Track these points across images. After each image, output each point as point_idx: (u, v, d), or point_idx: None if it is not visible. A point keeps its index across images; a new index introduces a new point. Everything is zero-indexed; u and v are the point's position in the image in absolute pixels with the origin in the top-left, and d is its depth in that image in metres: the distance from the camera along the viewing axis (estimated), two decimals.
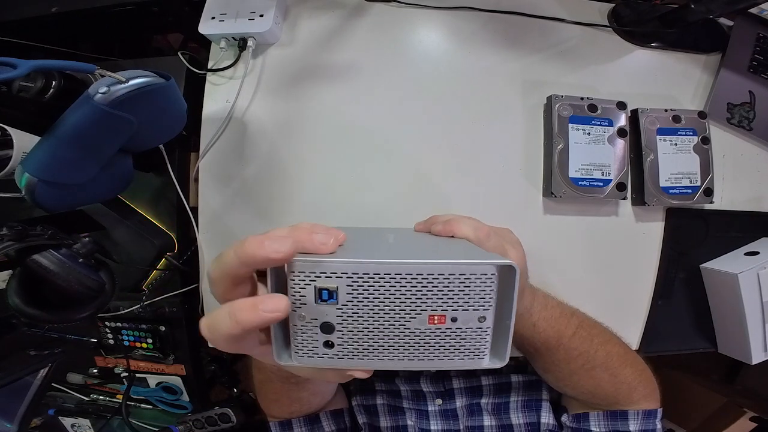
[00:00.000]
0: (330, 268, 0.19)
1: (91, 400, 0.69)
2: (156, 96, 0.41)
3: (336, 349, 0.20)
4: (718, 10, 0.52)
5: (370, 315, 0.19)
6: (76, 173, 0.40)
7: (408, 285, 0.19)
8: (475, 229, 0.31)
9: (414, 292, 0.19)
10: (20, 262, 0.38)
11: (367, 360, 0.20)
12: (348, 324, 0.19)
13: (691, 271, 0.61)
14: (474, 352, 0.20)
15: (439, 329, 0.20)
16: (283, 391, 0.45)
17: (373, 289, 0.19)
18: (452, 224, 0.32)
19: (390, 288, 0.19)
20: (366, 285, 0.19)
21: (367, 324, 0.19)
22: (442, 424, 0.51)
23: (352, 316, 0.19)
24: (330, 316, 0.19)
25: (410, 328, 0.19)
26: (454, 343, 0.20)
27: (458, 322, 0.20)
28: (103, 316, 0.60)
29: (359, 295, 0.19)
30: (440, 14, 0.58)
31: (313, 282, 0.19)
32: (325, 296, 0.19)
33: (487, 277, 0.19)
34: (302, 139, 0.57)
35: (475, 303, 0.19)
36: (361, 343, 0.20)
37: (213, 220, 0.58)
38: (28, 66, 0.31)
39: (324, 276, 0.19)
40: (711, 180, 0.56)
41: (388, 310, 0.19)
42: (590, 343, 0.41)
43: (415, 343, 0.20)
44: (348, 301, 0.19)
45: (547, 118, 0.56)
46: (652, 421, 0.43)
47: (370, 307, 0.19)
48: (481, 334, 0.20)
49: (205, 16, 0.56)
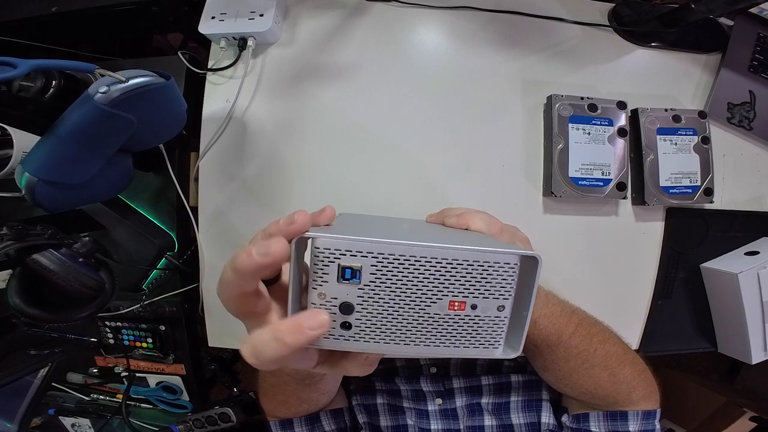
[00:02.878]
0: (356, 246, 0.18)
1: (91, 400, 0.69)
2: (156, 96, 0.41)
3: (353, 330, 0.20)
4: (719, 9, 0.52)
5: (392, 297, 0.19)
6: (76, 173, 0.40)
7: (432, 269, 0.19)
8: (489, 224, 0.31)
9: (437, 277, 0.19)
10: (20, 261, 0.38)
11: (384, 344, 0.20)
12: (368, 305, 0.19)
13: (691, 270, 0.61)
14: (489, 341, 0.20)
15: (458, 315, 0.20)
16: (295, 392, 0.44)
17: (397, 271, 0.19)
18: (466, 217, 0.32)
19: (414, 271, 0.19)
20: (391, 266, 0.18)
21: (387, 306, 0.19)
22: (442, 424, 0.51)
23: (373, 297, 0.19)
24: (351, 296, 0.19)
25: (430, 313, 0.19)
26: (471, 331, 0.20)
27: (477, 310, 0.20)
28: (103, 315, 0.60)
29: (383, 276, 0.19)
30: (440, 14, 0.58)
31: (337, 260, 0.18)
32: (348, 275, 0.18)
33: (510, 267, 0.19)
34: (302, 139, 0.57)
35: (495, 291, 0.19)
36: (380, 326, 0.20)
37: (213, 219, 0.58)
38: (28, 65, 0.31)
39: (349, 254, 0.18)
40: (711, 180, 0.56)
41: (410, 293, 0.19)
42: (589, 342, 0.41)
43: (432, 328, 0.20)
44: (371, 281, 0.19)
45: (547, 117, 0.56)
46: (652, 422, 0.43)
47: (392, 289, 0.19)
48: (498, 323, 0.20)
49: (205, 16, 0.56)
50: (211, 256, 0.58)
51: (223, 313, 0.64)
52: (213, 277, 0.58)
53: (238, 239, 0.58)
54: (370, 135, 0.57)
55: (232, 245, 0.58)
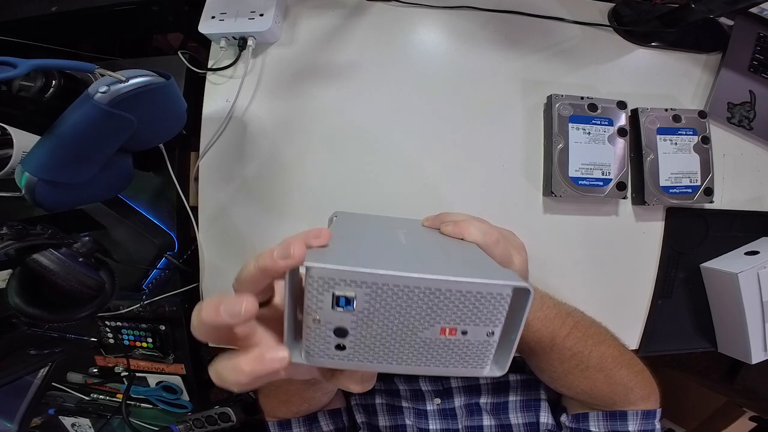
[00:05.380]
0: (350, 276, 0.18)
1: (92, 400, 0.69)
2: (156, 95, 0.41)
3: (347, 351, 0.20)
4: (719, 9, 0.52)
5: (385, 323, 0.20)
6: (76, 172, 0.40)
7: (425, 298, 0.19)
8: (485, 234, 0.31)
9: (430, 305, 0.19)
10: (20, 261, 0.38)
11: (376, 363, 0.21)
12: (362, 330, 0.20)
13: (691, 270, 0.61)
14: (477, 362, 0.21)
15: (449, 340, 0.20)
16: (298, 391, 0.44)
17: (390, 300, 0.19)
18: (462, 226, 0.32)
19: (407, 300, 0.19)
20: (384, 295, 0.19)
21: (381, 331, 0.20)
22: (440, 424, 0.51)
23: (367, 323, 0.19)
24: (345, 321, 0.19)
25: (421, 338, 0.20)
26: (460, 353, 0.21)
27: (468, 335, 0.20)
28: (103, 315, 0.60)
29: (376, 303, 0.19)
30: (440, 13, 0.58)
31: (331, 289, 0.19)
32: (342, 303, 0.19)
33: (502, 297, 0.20)
34: (302, 139, 0.57)
35: (486, 319, 0.20)
36: (373, 348, 0.20)
37: (213, 219, 0.58)
38: (28, 65, 0.31)
39: (344, 284, 0.19)
40: (711, 179, 0.56)
41: (402, 320, 0.19)
42: (584, 344, 0.41)
43: (424, 351, 0.20)
44: (364, 308, 0.19)
45: (547, 117, 0.56)
46: (651, 422, 0.43)
47: (386, 316, 0.19)
48: (487, 346, 0.21)
49: (205, 16, 0.56)
50: (211, 255, 0.58)
51: None
52: (213, 276, 0.58)
53: (238, 239, 0.58)
54: (369, 135, 0.57)
55: (232, 245, 0.58)
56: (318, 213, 0.56)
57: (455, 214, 0.36)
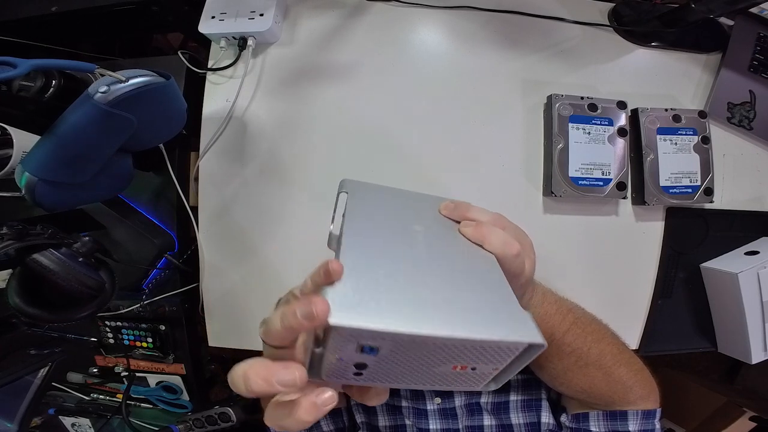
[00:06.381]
0: (375, 333, 0.19)
1: (92, 400, 0.69)
2: (156, 95, 0.41)
3: (363, 377, 0.22)
4: (719, 9, 0.52)
5: (403, 362, 0.21)
6: (76, 172, 0.40)
7: (444, 348, 0.21)
8: (505, 245, 0.30)
9: (448, 352, 0.21)
10: (20, 261, 0.38)
11: (389, 383, 0.23)
12: (381, 366, 0.21)
13: (691, 270, 0.61)
14: (479, 383, 0.24)
15: (459, 373, 0.22)
16: None
17: (411, 347, 0.20)
18: (484, 233, 0.31)
19: (428, 348, 0.21)
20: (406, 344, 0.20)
21: (398, 367, 0.21)
22: (440, 424, 0.51)
23: (387, 362, 0.21)
24: (366, 359, 0.21)
25: (435, 371, 0.22)
26: (466, 380, 0.23)
27: (476, 370, 0.22)
28: (103, 315, 0.61)
29: (398, 350, 0.20)
30: (440, 13, 0.58)
31: (356, 340, 0.20)
32: (367, 350, 0.20)
33: (516, 348, 0.21)
34: (302, 139, 0.57)
35: (496, 361, 0.22)
36: (388, 376, 0.22)
37: (213, 219, 0.58)
38: (28, 65, 0.31)
39: (369, 337, 0.19)
40: (711, 179, 0.56)
41: (420, 360, 0.21)
42: (583, 341, 0.40)
43: (434, 378, 0.23)
44: (386, 354, 0.21)
45: (548, 117, 0.56)
46: (652, 421, 0.43)
47: (405, 357, 0.21)
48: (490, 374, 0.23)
49: (205, 16, 0.56)
50: (211, 255, 0.58)
51: (223, 313, 0.64)
52: (213, 276, 0.58)
53: (238, 239, 0.58)
54: (370, 135, 0.57)
55: (232, 245, 0.58)
56: (318, 212, 0.56)
57: (476, 211, 0.34)
